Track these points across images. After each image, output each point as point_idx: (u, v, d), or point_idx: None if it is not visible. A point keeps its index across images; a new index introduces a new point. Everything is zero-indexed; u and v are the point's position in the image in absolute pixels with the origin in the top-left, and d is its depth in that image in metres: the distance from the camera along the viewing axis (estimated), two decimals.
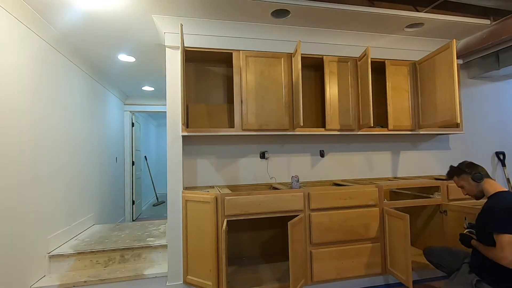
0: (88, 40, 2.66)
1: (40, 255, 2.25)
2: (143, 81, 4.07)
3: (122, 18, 2.26)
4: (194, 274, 2.11)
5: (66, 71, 2.77)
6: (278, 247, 2.61)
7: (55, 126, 2.54)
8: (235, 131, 2.36)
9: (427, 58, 2.58)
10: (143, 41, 2.68)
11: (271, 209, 2.08)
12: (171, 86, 2.34)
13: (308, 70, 2.83)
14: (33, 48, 2.22)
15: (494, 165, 3.34)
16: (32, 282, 2.13)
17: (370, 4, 2.32)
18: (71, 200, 2.83)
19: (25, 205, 2.08)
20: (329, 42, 2.62)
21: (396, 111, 2.66)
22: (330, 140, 2.87)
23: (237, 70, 2.38)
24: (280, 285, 2.06)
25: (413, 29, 2.60)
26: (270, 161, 2.73)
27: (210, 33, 2.38)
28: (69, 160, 2.81)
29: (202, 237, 2.07)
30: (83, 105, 3.17)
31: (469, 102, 3.27)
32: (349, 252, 2.19)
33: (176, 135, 2.32)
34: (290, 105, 2.45)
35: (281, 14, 2.28)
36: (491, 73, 3.14)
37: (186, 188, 2.45)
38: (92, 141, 3.43)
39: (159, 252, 2.53)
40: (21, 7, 2.00)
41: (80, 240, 2.73)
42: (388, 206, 2.29)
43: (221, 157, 2.63)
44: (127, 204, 4.92)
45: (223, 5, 2.14)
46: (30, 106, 2.18)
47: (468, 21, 2.49)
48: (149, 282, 2.27)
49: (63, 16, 2.21)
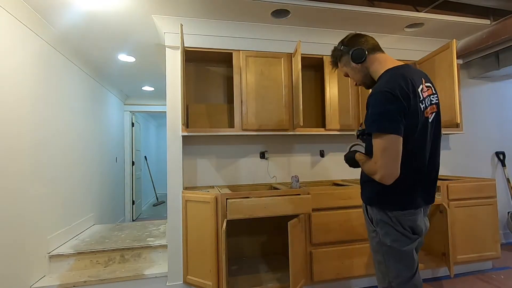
0: (88, 40, 2.66)
1: (40, 255, 2.25)
2: (143, 81, 4.07)
3: (122, 18, 2.26)
4: (194, 274, 2.11)
5: (66, 71, 2.77)
6: (278, 247, 2.61)
7: (55, 126, 2.54)
8: (235, 131, 2.36)
9: (427, 58, 2.58)
10: (143, 41, 2.68)
11: (276, 212, 2.04)
12: (171, 86, 2.34)
13: (308, 70, 2.83)
14: (33, 48, 2.21)
15: (494, 165, 3.34)
16: (32, 282, 2.13)
17: (370, 4, 2.32)
18: (71, 200, 2.83)
19: (25, 205, 2.08)
20: (329, 42, 2.62)
21: None
22: (330, 140, 2.87)
23: (237, 70, 2.38)
24: (280, 285, 2.06)
25: (413, 29, 2.60)
26: (270, 161, 2.73)
27: (210, 33, 2.38)
28: (70, 160, 2.81)
29: (202, 237, 2.07)
30: (83, 105, 3.17)
31: (469, 102, 3.27)
32: (350, 252, 2.19)
33: (176, 135, 2.32)
34: (290, 105, 2.45)
35: (281, 14, 2.28)
36: (491, 73, 3.14)
37: (186, 188, 2.45)
38: (92, 141, 3.43)
39: (159, 252, 2.53)
40: (21, 7, 2.00)
41: (80, 240, 2.73)
42: None
43: (221, 157, 2.63)
44: (127, 204, 4.92)
45: (223, 5, 2.14)
46: (31, 106, 2.17)
47: (468, 21, 2.49)
48: (149, 282, 2.27)
49: (63, 16, 2.21)
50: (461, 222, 2.41)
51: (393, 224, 1.21)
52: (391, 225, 1.21)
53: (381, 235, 1.25)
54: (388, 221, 1.22)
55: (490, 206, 2.48)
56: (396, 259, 1.22)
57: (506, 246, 3.15)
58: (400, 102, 1.07)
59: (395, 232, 1.21)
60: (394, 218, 1.21)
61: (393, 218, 1.21)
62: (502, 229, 3.25)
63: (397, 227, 1.20)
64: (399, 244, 1.20)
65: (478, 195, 2.45)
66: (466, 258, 2.40)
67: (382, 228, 1.24)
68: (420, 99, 1.14)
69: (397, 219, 1.20)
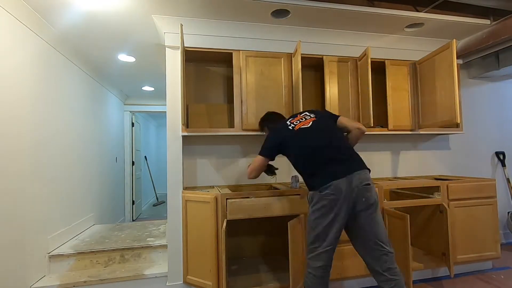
0: (88, 40, 2.66)
1: (40, 255, 2.25)
2: (143, 81, 4.07)
3: (122, 18, 2.26)
4: (194, 274, 2.11)
5: (66, 71, 2.78)
6: (278, 247, 2.61)
7: (55, 126, 2.54)
8: (235, 131, 2.36)
9: (427, 58, 2.58)
10: (143, 41, 2.68)
11: (275, 212, 2.05)
12: (171, 86, 2.34)
13: (308, 70, 2.83)
14: (33, 48, 2.21)
15: (494, 165, 3.35)
16: (32, 282, 2.13)
17: (370, 4, 2.32)
18: (71, 200, 2.83)
19: (25, 205, 2.08)
20: (329, 42, 2.62)
21: (396, 111, 2.66)
22: None
23: (237, 70, 2.38)
24: (280, 285, 2.06)
25: (413, 29, 2.60)
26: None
27: (210, 33, 2.38)
28: (70, 160, 2.81)
29: (202, 237, 2.07)
30: (83, 105, 3.17)
31: (469, 102, 3.27)
32: (350, 252, 2.19)
33: (176, 135, 2.32)
34: (290, 105, 2.45)
35: (281, 14, 2.28)
36: (491, 73, 3.14)
37: (186, 188, 2.45)
38: (92, 141, 3.43)
39: (159, 252, 2.53)
40: (21, 7, 2.00)
41: (80, 240, 2.73)
42: (388, 206, 2.29)
43: (221, 157, 2.63)
44: (127, 204, 4.92)
45: (223, 5, 2.14)
46: (31, 106, 2.17)
47: (468, 21, 2.49)
48: (149, 282, 2.27)
49: (63, 16, 2.21)
50: (461, 222, 2.41)
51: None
52: None
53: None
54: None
55: (490, 206, 2.48)
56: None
57: (506, 246, 3.15)
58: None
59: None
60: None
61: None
62: (502, 229, 3.26)
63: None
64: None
65: (478, 195, 2.45)
66: (466, 258, 2.40)
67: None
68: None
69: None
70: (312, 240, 1.61)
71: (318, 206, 1.58)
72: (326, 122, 1.78)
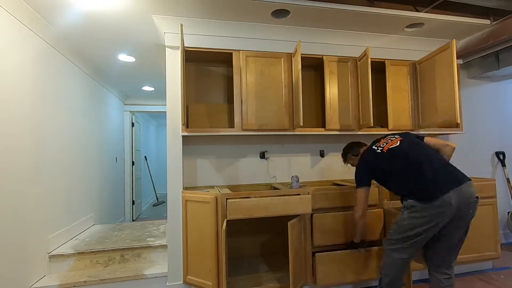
0: (88, 40, 2.66)
1: (40, 255, 2.25)
2: (143, 81, 4.07)
3: (122, 18, 2.26)
4: (194, 274, 2.11)
5: (66, 71, 2.77)
6: (278, 247, 2.61)
7: (55, 126, 2.54)
8: (235, 131, 2.36)
9: (427, 58, 2.58)
10: (143, 41, 2.68)
11: (276, 212, 2.03)
12: (171, 86, 2.34)
13: (308, 70, 2.83)
14: (33, 48, 2.21)
15: (494, 165, 3.35)
16: (32, 282, 2.13)
17: (370, 4, 2.32)
18: (71, 200, 2.84)
19: (25, 205, 2.08)
20: (329, 42, 2.62)
21: (396, 111, 2.66)
22: (330, 140, 2.87)
23: (237, 70, 2.38)
24: (280, 285, 2.06)
25: (413, 29, 2.60)
26: (270, 161, 2.73)
27: (210, 33, 2.38)
28: (70, 160, 2.81)
29: (202, 237, 2.07)
30: (83, 105, 3.17)
31: (469, 102, 3.27)
32: (351, 253, 2.18)
33: (176, 135, 2.32)
34: (290, 105, 2.45)
35: (281, 14, 2.28)
36: (491, 73, 3.14)
37: (186, 188, 2.45)
38: (92, 141, 3.43)
39: (159, 252, 2.53)
40: (21, 7, 2.00)
41: (80, 240, 2.73)
42: (388, 206, 2.29)
43: (221, 157, 2.63)
44: (127, 204, 4.92)
45: (223, 5, 2.14)
46: (31, 106, 2.17)
47: (468, 21, 2.49)
48: (149, 282, 2.27)
49: (63, 16, 2.21)
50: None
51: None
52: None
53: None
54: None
55: (490, 206, 2.48)
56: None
57: (506, 246, 3.15)
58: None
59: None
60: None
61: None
62: (502, 229, 3.25)
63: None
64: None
65: (478, 195, 2.45)
66: (466, 258, 2.40)
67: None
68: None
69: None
70: (401, 237, 1.68)
71: (420, 214, 1.59)
72: (414, 140, 1.79)
